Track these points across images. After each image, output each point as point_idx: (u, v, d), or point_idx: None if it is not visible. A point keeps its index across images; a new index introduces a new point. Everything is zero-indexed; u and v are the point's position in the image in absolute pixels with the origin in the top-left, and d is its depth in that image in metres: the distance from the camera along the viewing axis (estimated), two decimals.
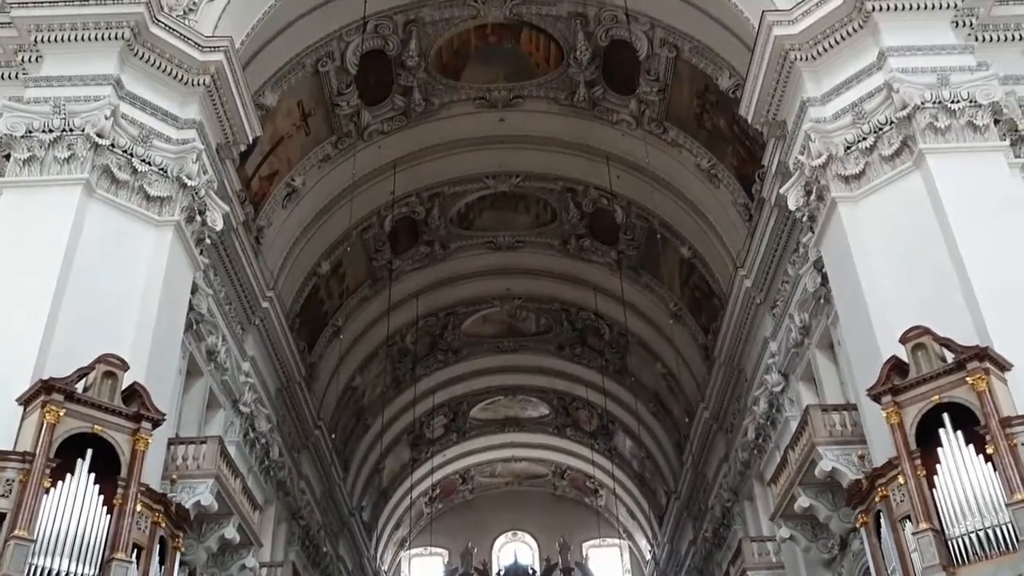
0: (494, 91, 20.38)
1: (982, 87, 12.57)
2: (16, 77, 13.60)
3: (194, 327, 15.11)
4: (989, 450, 10.05)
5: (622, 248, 23.53)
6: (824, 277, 14.18)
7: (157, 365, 12.45)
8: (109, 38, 13.36)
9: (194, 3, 14.38)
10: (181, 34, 13.77)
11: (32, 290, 11.58)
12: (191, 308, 14.48)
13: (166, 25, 13.70)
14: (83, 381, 10.99)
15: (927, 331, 10.97)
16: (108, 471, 10.59)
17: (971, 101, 12.48)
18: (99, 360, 11.15)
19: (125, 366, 11.28)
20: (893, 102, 12.68)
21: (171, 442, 13.43)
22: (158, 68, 13.74)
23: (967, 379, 10.42)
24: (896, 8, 13.28)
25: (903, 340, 11.05)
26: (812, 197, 13.52)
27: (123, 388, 11.15)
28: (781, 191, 14.47)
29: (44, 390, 10.57)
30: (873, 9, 13.27)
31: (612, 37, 18.78)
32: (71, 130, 12.66)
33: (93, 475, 10.44)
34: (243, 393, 17.73)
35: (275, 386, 20.27)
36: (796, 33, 13.74)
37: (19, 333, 11.27)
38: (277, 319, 19.29)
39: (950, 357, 10.74)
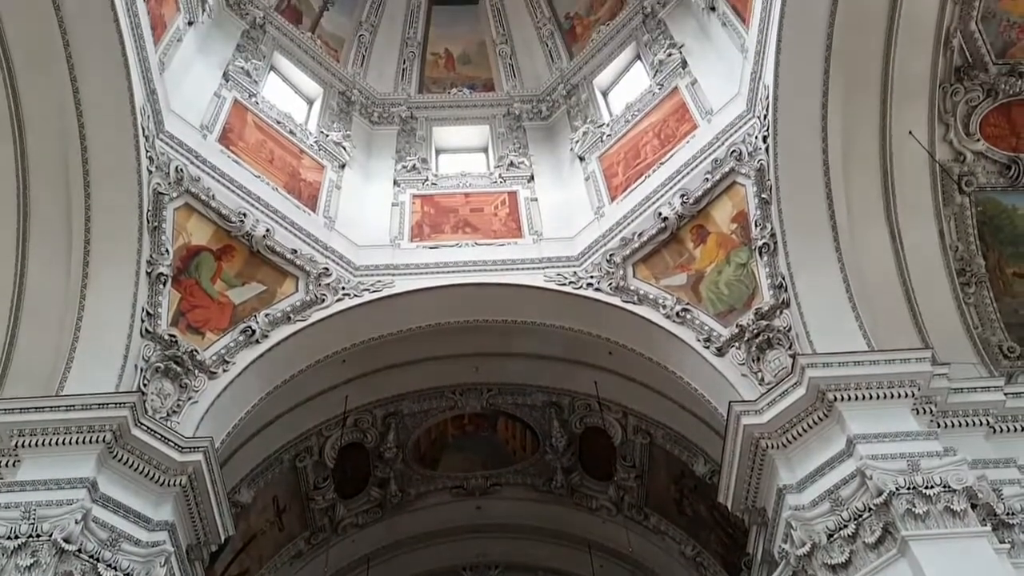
0: (471, 479, 20.42)
1: (953, 472, 12.65)
2: None
3: None
4: None
5: None
6: None
7: None
8: (90, 441, 13.37)
9: (178, 405, 14.72)
10: (163, 436, 13.87)
11: None
12: None
13: (148, 428, 13.84)
14: None
15: None
16: None
17: (944, 486, 12.48)
18: None
19: None
20: (868, 488, 12.68)
21: None
22: (135, 469, 13.64)
23: None
24: (857, 398, 13.77)
25: None
26: None
27: None
28: None
29: None
30: (835, 399, 13.75)
31: (586, 424, 19.30)
32: (38, 536, 12.19)
33: None
34: None
35: None
36: (764, 423, 14.11)
37: None
38: None
39: None
